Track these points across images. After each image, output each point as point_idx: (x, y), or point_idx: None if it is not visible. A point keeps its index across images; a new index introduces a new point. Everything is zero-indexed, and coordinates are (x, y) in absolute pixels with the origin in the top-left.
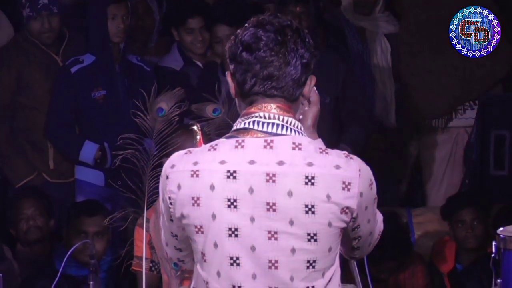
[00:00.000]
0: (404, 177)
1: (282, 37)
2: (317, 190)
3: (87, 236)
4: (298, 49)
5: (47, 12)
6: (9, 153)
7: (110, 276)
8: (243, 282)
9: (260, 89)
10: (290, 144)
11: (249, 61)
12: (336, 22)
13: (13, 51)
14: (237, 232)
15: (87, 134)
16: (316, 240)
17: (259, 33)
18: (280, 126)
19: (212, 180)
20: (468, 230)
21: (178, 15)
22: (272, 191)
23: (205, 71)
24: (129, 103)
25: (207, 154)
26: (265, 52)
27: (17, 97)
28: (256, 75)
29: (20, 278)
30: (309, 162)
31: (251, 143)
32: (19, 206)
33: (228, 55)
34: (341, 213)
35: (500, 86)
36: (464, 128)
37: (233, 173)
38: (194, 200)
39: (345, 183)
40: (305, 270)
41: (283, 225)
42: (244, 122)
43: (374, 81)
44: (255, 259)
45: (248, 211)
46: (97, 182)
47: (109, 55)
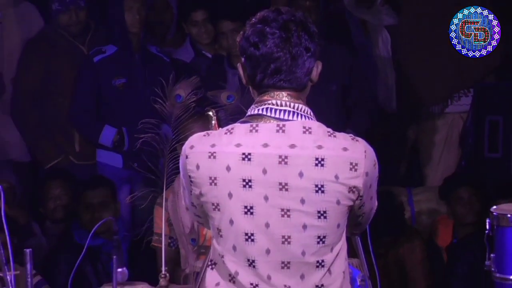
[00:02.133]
0: (404, 159)
1: (287, 33)
2: (326, 171)
3: (93, 207)
4: (302, 42)
5: (75, 6)
6: (38, 137)
7: (131, 251)
8: (257, 257)
9: (270, 82)
10: (301, 128)
11: (257, 58)
12: (340, 15)
13: (42, 42)
14: (252, 210)
15: (107, 119)
16: (326, 217)
17: (265, 30)
18: (291, 112)
19: (228, 161)
20: (467, 206)
21: (183, 9)
22: (284, 172)
23: (213, 62)
24: (147, 90)
25: (223, 137)
26: (271, 49)
27: (45, 85)
28: (264, 71)
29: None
30: (319, 145)
31: (265, 128)
32: (47, 186)
33: (238, 49)
34: (348, 192)
35: (493, 75)
36: (459, 114)
37: (248, 155)
38: (212, 180)
39: (352, 164)
40: (316, 245)
41: (295, 203)
42: (257, 108)
43: (376, 71)
44: (269, 235)
45: (262, 191)
46: (116, 164)
47: (128, 46)
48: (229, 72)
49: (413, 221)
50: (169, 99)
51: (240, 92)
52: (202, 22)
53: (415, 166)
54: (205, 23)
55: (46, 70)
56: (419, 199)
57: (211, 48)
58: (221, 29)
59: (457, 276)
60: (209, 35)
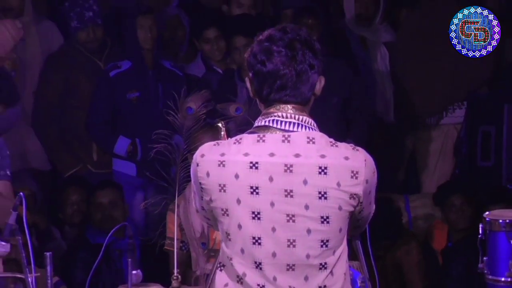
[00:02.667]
0: (401, 167)
1: (292, 51)
2: (329, 179)
3: (104, 207)
4: (306, 60)
5: (92, 24)
6: (58, 147)
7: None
8: (264, 259)
9: (276, 97)
10: (305, 138)
11: (264, 74)
12: (341, 32)
13: (62, 58)
14: (259, 215)
15: (121, 130)
16: (329, 222)
17: (271, 48)
18: (296, 124)
19: (236, 170)
20: (459, 213)
21: (196, 27)
22: (289, 180)
23: (224, 77)
24: (160, 103)
25: (232, 146)
26: (278, 66)
27: (64, 98)
28: (271, 86)
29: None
30: (322, 154)
31: (271, 138)
32: (66, 193)
33: (246, 64)
34: (349, 199)
35: (485, 87)
36: (453, 125)
37: (255, 164)
38: (221, 187)
39: (353, 172)
40: (319, 248)
41: (299, 209)
42: (264, 120)
43: (375, 84)
44: (275, 239)
45: (269, 197)
46: (130, 172)
47: (142, 61)
48: (239, 85)
49: (410, 225)
50: (181, 111)
51: (247, 105)
52: (214, 39)
53: (412, 174)
54: (217, 40)
55: (65, 84)
56: (415, 205)
57: (222, 63)
58: (234, 44)
59: (452, 278)
60: (221, 52)
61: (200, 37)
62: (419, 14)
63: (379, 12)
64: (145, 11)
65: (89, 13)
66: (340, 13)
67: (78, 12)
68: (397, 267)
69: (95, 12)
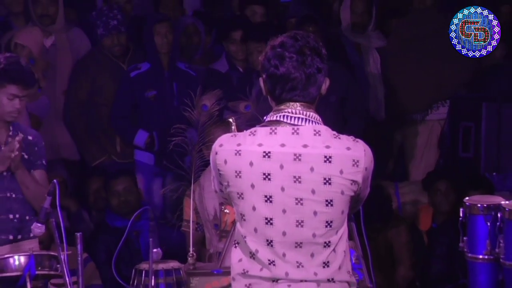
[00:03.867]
0: (391, 158)
1: (302, 56)
2: (333, 167)
3: (119, 194)
4: (315, 64)
5: (116, 31)
6: (86, 140)
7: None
8: (275, 237)
9: (287, 96)
10: (312, 131)
11: (276, 77)
12: (338, 38)
13: (89, 61)
14: (271, 199)
15: (141, 124)
16: (332, 205)
17: (284, 54)
18: (304, 119)
19: (251, 158)
20: (443, 197)
21: (224, 29)
22: (298, 168)
23: (244, 75)
24: (174, 101)
25: (248, 138)
26: (289, 70)
27: (91, 97)
28: (283, 87)
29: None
30: (327, 145)
31: (282, 131)
32: (88, 183)
33: (260, 67)
34: (351, 185)
35: (466, 88)
36: (437, 121)
37: (268, 153)
38: (237, 173)
39: (354, 160)
40: (324, 228)
41: (307, 193)
42: (276, 115)
43: (368, 85)
44: (285, 219)
45: (279, 183)
46: (149, 161)
47: (159, 63)
48: (255, 83)
49: (399, 209)
50: (197, 108)
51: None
52: (239, 40)
53: (401, 164)
54: (242, 41)
55: (92, 84)
56: (404, 192)
57: (244, 63)
58: (249, 49)
59: (436, 256)
60: (244, 52)
61: (227, 38)
62: (407, 23)
63: (372, 21)
64: (161, 19)
65: (114, 22)
66: (337, 21)
67: (104, 21)
68: (388, 247)
69: (119, 21)
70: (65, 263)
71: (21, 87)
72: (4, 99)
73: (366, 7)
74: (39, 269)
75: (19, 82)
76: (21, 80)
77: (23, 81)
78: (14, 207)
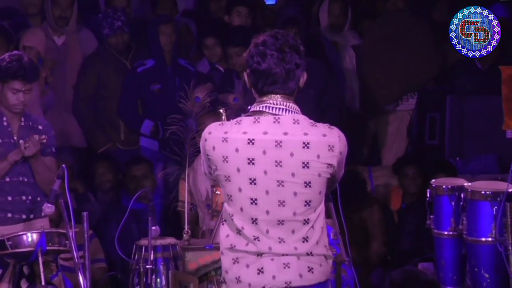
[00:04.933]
0: (365, 145)
1: (282, 54)
2: (311, 152)
3: (137, 179)
4: (293, 60)
5: (121, 31)
6: (93, 129)
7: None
8: (259, 216)
9: (268, 89)
10: (291, 120)
11: (259, 72)
12: (317, 37)
13: (96, 58)
14: (255, 181)
15: (147, 115)
16: (311, 186)
17: (266, 51)
18: (284, 109)
19: (237, 145)
20: (411, 180)
21: (199, 35)
22: (279, 153)
23: (225, 74)
24: (176, 93)
25: (234, 126)
26: (270, 66)
27: (98, 90)
28: (265, 81)
29: (99, 215)
30: (305, 133)
31: (265, 120)
32: (97, 166)
33: (245, 62)
34: (327, 168)
35: (433, 82)
36: (407, 111)
37: (252, 140)
38: (224, 158)
39: (330, 146)
40: (303, 207)
41: (287, 176)
42: (259, 106)
43: (344, 79)
44: (268, 200)
45: (263, 167)
46: (153, 147)
47: (163, 60)
48: (236, 82)
49: (373, 191)
50: (190, 100)
51: (243, 95)
52: (211, 46)
53: (374, 151)
54: (214, 47)
55: (98, 78)
56: (377, 175)
57: (223, 63)
58: (228, 52)
59: (405, 233)
60: (217, 56)
61: (201, 43)
62: (379, 23)
63: (347, 22)
64: (166, 21)
65: (118, 23)
66: (317, 22)
67: (109, 22)
68: (363, 225)
69: (123, 22)
70: (73, 239)
71: (23, 82)
72: (9, 93)
73: (342, 10)
74: (49, 245)
75: (22, 78)
76: (23, 76)
77: (25, 76)
78: (27, 190)
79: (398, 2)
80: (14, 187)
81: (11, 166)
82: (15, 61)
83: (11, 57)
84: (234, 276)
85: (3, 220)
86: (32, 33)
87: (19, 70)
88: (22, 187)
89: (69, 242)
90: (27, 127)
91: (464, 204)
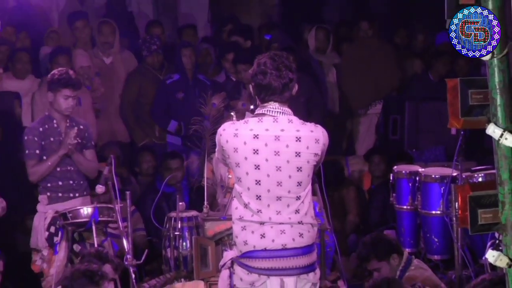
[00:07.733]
0: (343, 140)
1: (279, 72)
2: (302, 144)
3: (171, 170)
4: (287, 76)
5: (156, 53)
6: (135, 127)
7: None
8: (262, 193)
9: (269, 98)
10: (287, 120)
11: (261, 86)
12: (306, 58)
13: (137, 73)
14: (259, 167)
15: (172, 116)
16: (302, 171)
17: (266, 70)
18: (280, 112)
19: (244, 139)
20: (377, 166)
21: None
22: (277, 145)
23: (236, 83)
24: (196, 100)
25: (242, 125)
26: (270, 82)
27: (138, 98)
28: (266, 93)
29: (139, 194)
30: (297, 129)
31: (266, 120)
32: (141, 155)
33: (250, 77)
34: (314, 156)
35: (395, 91)
36: (375, 114)
37: (257, 135)
38: (234, 149)
39: (316, 139)
40: (296, 187)
41: (284, 163)
42: (262, 110)
43: (327, 90)
44: (269, 181)
45: (264, 156)
46: (177, 142)
47: (185, 75)
48: (242, 90)
49: (349, 175)
50: (208, 105)
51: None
52: (231, 60)
53: (350, 144)
54: (233, 61)
55: (139, 89)
56: (352, 163)
57: (236, 75)
58: (238, 69)
59: (374, 207)
60: (234, 68)
61: (223, 57)
62: (355, 46)
63: (330, 45)
64: (186, 45)
65: (154, 46)
66: (306, 46)
67: (147, 46)
68: (341, 201)
69: (157, 46)
70: (119, 212)
71: (72, 89)
72: (61, 100)
73: (326, 36)
74: (101, 217)
75: (70, 86)
76: (72, 85)
77: (73, 85)
78: (73, 176)
79: (368, 30)
80: (63, 174)
81: (61, 159)
82: (64, 74)
83: (60, 71)
84: (243, 240)
85: (55, 198)
86: (83, 55)
87: (69, 80)
88: (69, 174)
89: (115, 214)
90: (71, 127)
91: (419, 185)
